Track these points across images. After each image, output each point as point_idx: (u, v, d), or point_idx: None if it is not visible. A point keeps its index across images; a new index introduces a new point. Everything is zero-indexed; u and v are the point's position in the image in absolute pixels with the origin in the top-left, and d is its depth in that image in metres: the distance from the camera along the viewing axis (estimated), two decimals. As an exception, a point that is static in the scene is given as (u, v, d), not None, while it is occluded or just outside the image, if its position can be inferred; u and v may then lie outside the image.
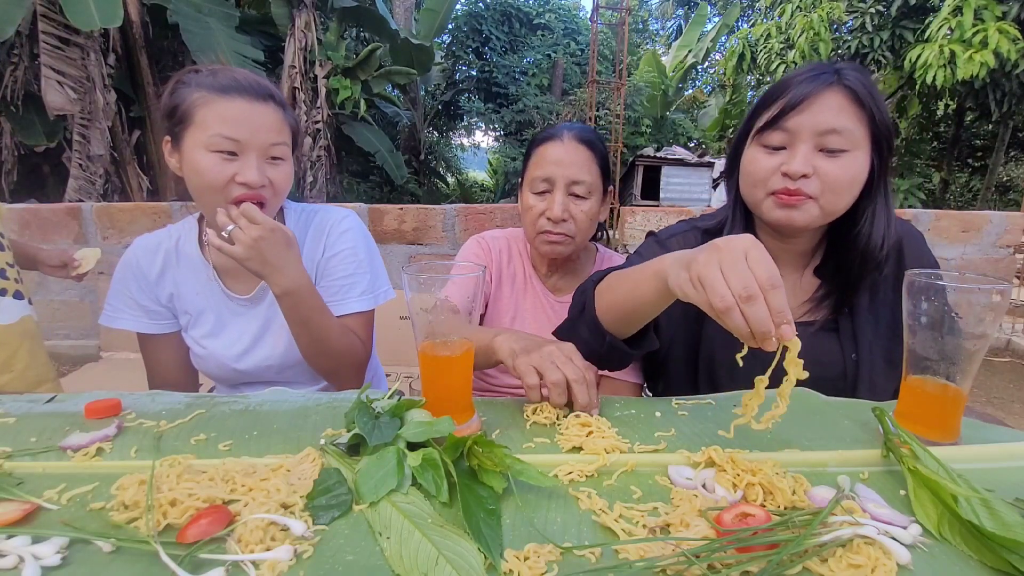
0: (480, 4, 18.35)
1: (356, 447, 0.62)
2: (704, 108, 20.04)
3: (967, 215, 3.80)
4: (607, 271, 0.87)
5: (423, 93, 15.20)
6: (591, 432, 0.66)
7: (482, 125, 19.38)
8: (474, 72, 18.38)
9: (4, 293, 1.29)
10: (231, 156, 0.89)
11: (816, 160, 0.81)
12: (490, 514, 0.51)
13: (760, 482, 0.55)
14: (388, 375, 1.43)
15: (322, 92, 8.71)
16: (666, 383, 1.05)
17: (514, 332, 0.86)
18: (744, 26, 14.56)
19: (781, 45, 9.52)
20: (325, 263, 1.07)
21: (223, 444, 0.65)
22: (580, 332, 0.85)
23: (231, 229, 0.86)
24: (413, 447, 0.59)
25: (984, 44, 7.01)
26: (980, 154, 13.65)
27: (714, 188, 16.20)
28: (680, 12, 24.14)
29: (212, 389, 1.25)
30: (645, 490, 0.57)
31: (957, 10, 7.33)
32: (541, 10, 18.78)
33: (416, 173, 13.80)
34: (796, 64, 8.68)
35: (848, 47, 8.92)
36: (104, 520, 0.51)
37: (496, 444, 0.57)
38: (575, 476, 0.59)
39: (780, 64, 9.51)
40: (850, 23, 8.98)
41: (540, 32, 18.53)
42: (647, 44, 24.93)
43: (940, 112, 10.05)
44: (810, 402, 0.76)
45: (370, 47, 9.43)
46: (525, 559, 0.46)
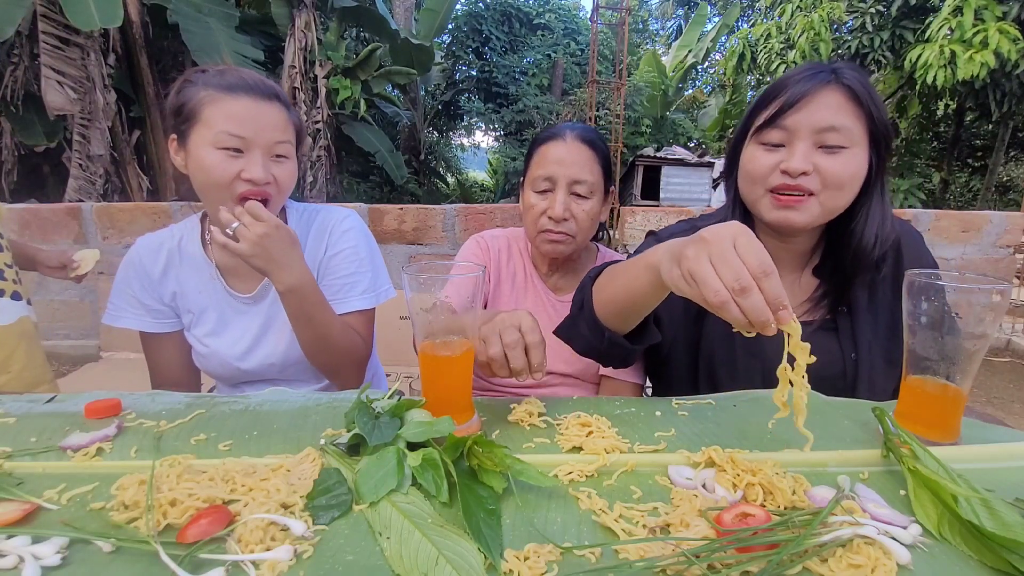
0: (480, 4, 18.34)
1: (356, 447, 0.62)
2: (704, 108, 20.04)
3: (967, 215, 3.79)
4: (604, 266, 0.87)
5: (423, 93, 15.20)
6: (591, 432, 0.66)
7: (482, 125, 19.38)
8: (474, 72, 18.38)
9: (2, 294, 1.29)
10: (237, 153, 0.91)
11: (815, 157, 0.81)
12: (490, 514, 0.51)
13: (760, 482, 0.55)
14: (388, 375, 1.43)
15: (322, 92, 8.71)
16: (666, 383, 1.05)
17: (498, 312, 0.85)
18: (744, 26, 14.56)
19: (781, 45, 9.52)
20: (327, 262, 1.08)
21: (223, 444, 0.65)
22: (580, 329, 0.84)
23: (235, 227, 0.86)
24: (413, 447, 0.59)
25: (984, 44, 7.01)
26: (980, 154, 13.64)
27: (714, 188, 16.18)
28: (680, 12, 24.15)
29: (212, 389, 1.25)
30: (645, 490, 0.57)
31: (957, 10, 7.33)
32: (541, 10, 18.78)
33: (416, 173, 13.80)
34: (796, 64, 8.68)
35: (848, 47, 8.92)
36: (104, 520, 0.51)
37: (496, 444, 0.57)
38: (575, 476, 0.59)
39: (780, 64, 9.51)
40: (850, 23, 8.98)
41: (540, 32, 18.53)
42: (647, 44, 24.93)
43: (940, 112, 10.05)
44: (810, 402, 0.76)
45: (370, 47, 9.44)
46: (525, 559, 0.46)
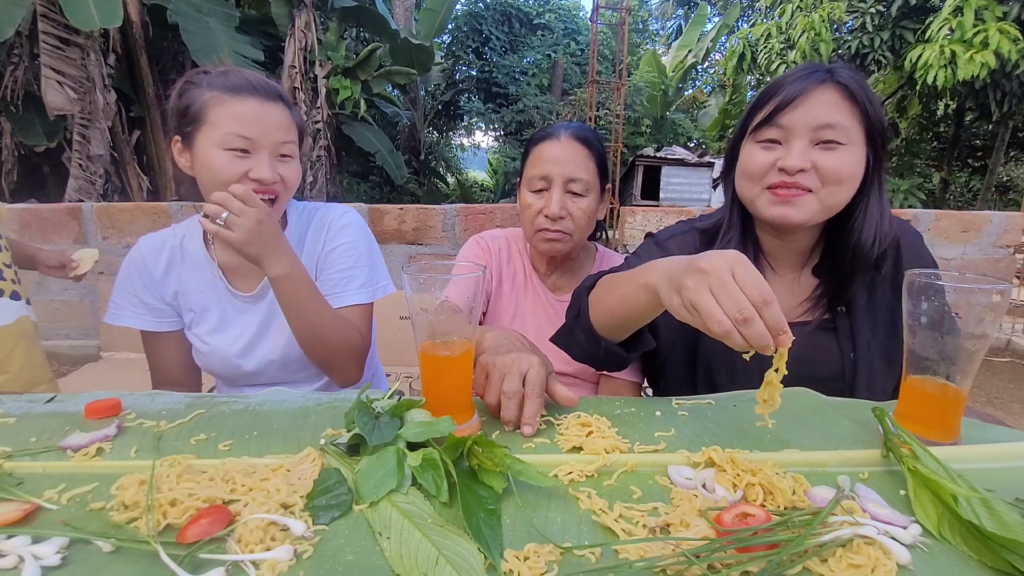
0: (480, 4, 18.35)
1: (356, 447, 0.62)
2: (704, 108, 20.06)
3: (967, 215, 3.79)
4: (602, 275, 0.88)
5: (423, 93, 15.20)
6: (591, 432, 0.66)
7: (482, 125, 19.38)
8: (474, 72, 18.39)
9: (1, 294, 1.29)
10: (244, 154, 0.92)
11: (812, 154, 0.81)
12: (490, 514, 0.51)
13: (760, 482, 0.55)
14: (388, 375, 1.43)
15: (322, 92, 8.72)
16: (665, 383, 1.05)
17: (507, 333, 0.86)
18: (744, 26, 14.57)
19: (781, 45, 9.53)
20: (325, 257, 1.09)
21: (223, 444, 0.65)
22: (576, 337, 0.85)
23: (225, 216, 0.86)
24: (413, 447, 0.59)
25: (985, 44, 7.02)
26: (980, 154, 13.64)
27: (714, 188, 16.18)
28: (680, 12, 24.15)
29: (212, 389, 1.25)
30: (645, 490, 0.57)
31: (958, 10, 7.33)
32: (541, 10, 18.78)
33: (416, 173, 13.81)
34: (796, 64, 8.68)
35: (848, 47, 8.93)
36: (104, 520, 0.51)
37: (496, 444, 0.57)
38: (575, 476, 0.59)
39: (780, 64, 9.51)
40: (850, 23, 8.98)
41: (540, 32, 18.53)
42: (647, 44, 24.92)
43: (940, 112, 10.06)
44: (810, 402, 0.76)
45: (370, 47, 9.44)
46: (525, 559, 0.46)
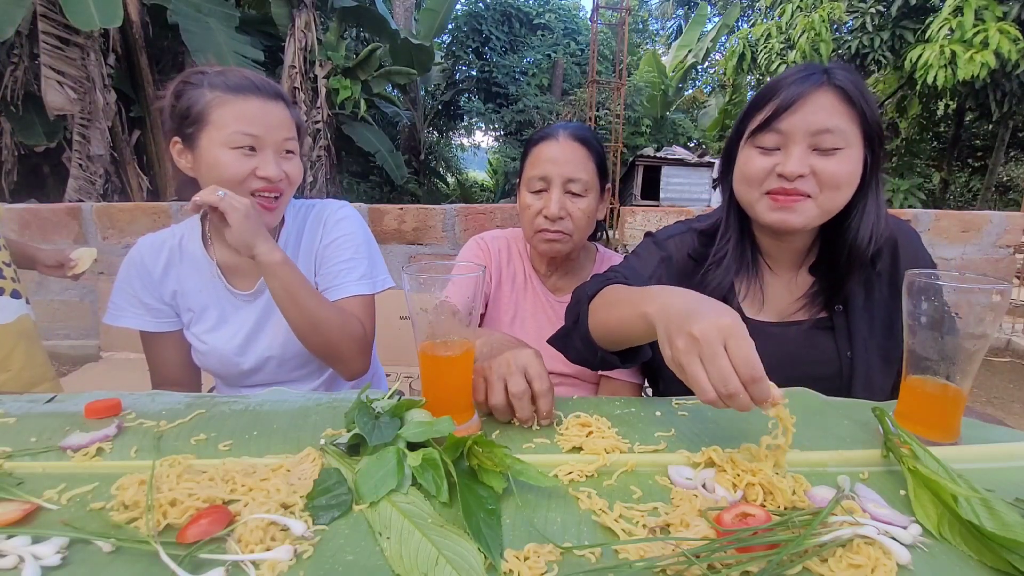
0: (480, 4, 18.34)
1: (356, 447, 0.62)
2: (704, 108, 20.06)
3: (967, 215, 3.79)
4: (602, 278, 0.88)
5: (423, 93, 15.20)
6: (591, 432, 0.66)
7: (482, 125, 19.37)
8: (474, 72, 18.38)
9: (1, 292, 1.29)
10: (250, 152, 0.93)
11: (811, 159, 0.81)
12: (490, 514, 0.51)
13: (760, 482, 0.55)
14: (388, 375, 1.43)
15: (322, 92, 8.72)
16: (665, 383, 1.06)
17: (493, 335, 0.86)
18: (744, 26, 14.57)
19: (781, 45, 9.52)
20: (323, 250, 1.09)
21: (223, 444, 0.65)
22: (574, 343, 0.86)
23: (223, 194, 0.88)
24: (413, 447, 0.59)
25: (985, 44, 7.01)
26: (980, 154, 13.63)
27: (714, 188, 15.89)
28: (680, 12, 24.15)
29: (212, 389, 1.25)
30: (645, 490, 0.57)
31: (958, 10, 7.33)
32: (541, 10, 18.77)
33: (416, 173, 13.80)
34: (796, 64, 8.70)
35: (848, 47, 8.92)
36: (104, 520, 0.51)
37: (496, 444, 0.57)
38: (575, 476, 0.59)
39: (780, 64, 9.51)
40: (850, 23, 8.98)
41: (540, 32, 18.53)
42: (647, 44, 24.92)
43: (940, 112, 10.06)
44: (810, 402, 0.76)
45: (370, 47, 9.44)
46: (525, 559, 0.46)
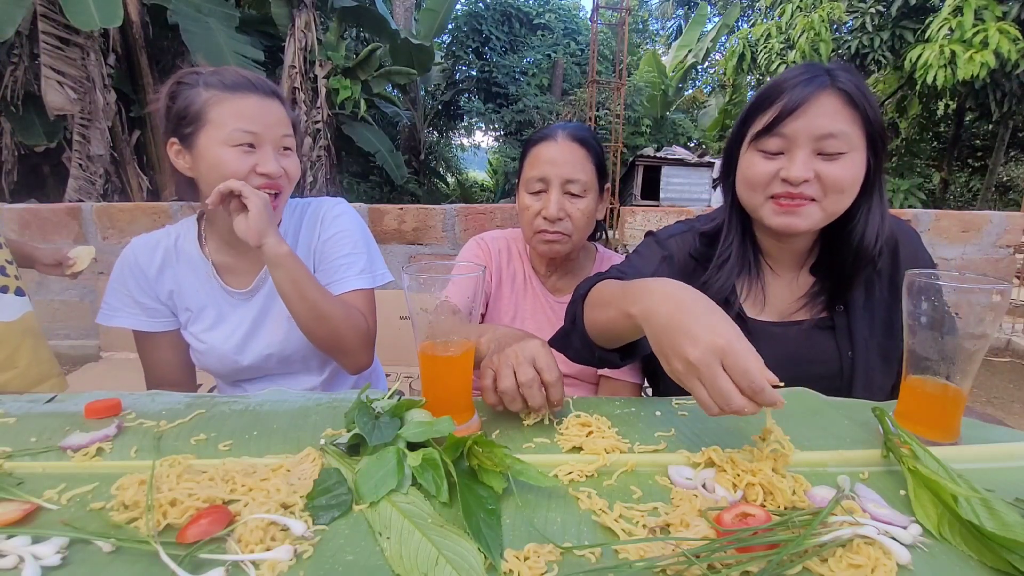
0: (480, 4, 18.34)
1: (356, 447, 0.62)
2: (704, 108, 20.05)
3: (967, 215, 3.79)
4: (600, 278, 0.88)
5: (423, 93, 15.20)
6: (591, 432, 0.66)
7: (482, 125, 19.36)
8: (474, 72, 18.37)
9: (5, 290, 1.28)
10: (250, 149, 0.94)
11: (815, 164, 0.81)
12: (490, 514, 0.51)
13: (760, 482, 0.55)
14: (388, 375, 1.43)
15: (322, 92, 8.71)
16: (666, 383, 1.05)
17: (499, 330, 0.86)
18: (744, 26, 14.57)
19: (781, 45, 9.52)
20: (322, 246, 1.10)
21: (223, 444, 0.65)
22: (573, 342, 0.86)
23: (239, 185, 0.90)
24: (413, 447, 0.59)
25: (984, 44, 7.01)
26: (980, 154, 13.63)
27: (714, 188, 15.98)
28: (680, 12, 24.14)
29: (213, 389, 1.25)
30: (645, 490, 0.57)
31: (957, 10, 7.33)
32: (541, 10, 18.76)
33: (416, 173, 13.80)
34: (796, 64, 8.70)
35: (848, 47, 8.92)
36: (104, 520, 0.51)
37: (496, 444, 0.57)
38: (575, 476, 0.59)
39: (780, 64, 9.50)
40: (850, 23, 8.98)
41: (540, 32, 18.52)
42: (647, 44, 24.90)
43: (940, 112, 10.05)
44: (810, 402, 0.76)
45: (370, 47, 9.44)
46: (525, 559, 0.46)
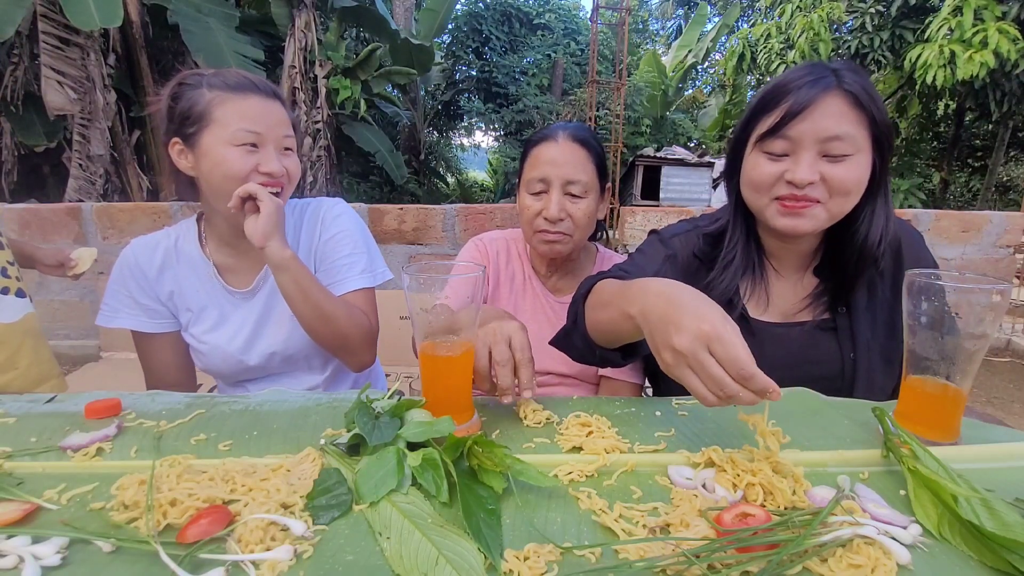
0: (480, 4, 18.33)
1: (356, 447, 0.62)
2: (704, 108, 20.04)
3: (967, 215, 3.79)
4: (601, 277, 0.87)
5: (423, 93, 15.20)
6: (591, 432, 0.66)
7: (482, 125, 19.35)
8: (474, 72, 18.36)
9: (7, 291, 1.28)
10: (253, 148, 0.95)
11: (820, 166, 0.80)
12: (490, 514, 0.51)
13: (760, 482, 0.55)
14: (388, 375, 1.43)
15: (322, 92, 8.71)
16: (666, 383, 1.05)
17: (483, 309, 0.85)
18: (744, 26, 14.57)
19: (781, 45, 9.52)
20: (322, 247, 1.10)
21: (223, 444, 0.65)
22: (574, 342, 0.86)
23: (256, 188, 0.91)
24: (413, 447, 0.59)
25: (984, 44, 7.01)
26: (980, 154, 13.63)
27: (714, 188, 16.18)
28: (680, 12, 24.14)
29: (213, 389, 1.25)
30: (645, 490, 0.57)
31: (957, 10, 7.33)
32: (541, 10, 18.76)
33: (416, 173, 13.80)
34: (796, 64, 8.70)
35: (848, 47, 8.92)
36: (104, 520, 0.51)
37: (496, 444, 0.57)
38: (575, 476, 0.59)
39: (780, 64, 9.50)
40: (850, 23, 8.97)
41: (540, 32, 18.51)
42: (647, 44, 24.89)
43: (940, 112, 10.03)
44: (810, 402, 0.76)
45: (370, 47, 9.44)
46: (525, 559, 0.46)
